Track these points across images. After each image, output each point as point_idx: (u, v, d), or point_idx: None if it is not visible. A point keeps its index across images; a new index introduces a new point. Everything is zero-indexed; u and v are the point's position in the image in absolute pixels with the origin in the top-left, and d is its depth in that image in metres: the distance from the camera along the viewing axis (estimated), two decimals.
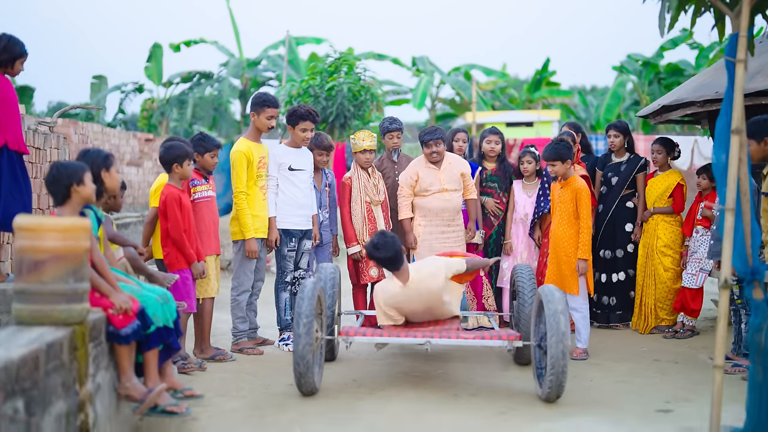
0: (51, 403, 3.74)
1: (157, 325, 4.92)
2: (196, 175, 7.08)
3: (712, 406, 4.55)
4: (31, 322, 4.06)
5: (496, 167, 8.67)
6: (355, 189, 7.99)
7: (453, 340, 5.99)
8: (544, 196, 8.48)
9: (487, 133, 8.76)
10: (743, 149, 4.64)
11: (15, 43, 5.75)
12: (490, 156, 8.66)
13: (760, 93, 7.26)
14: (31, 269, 4.05)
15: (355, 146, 7.99)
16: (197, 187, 7.06)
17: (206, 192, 7.12)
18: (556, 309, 5.64)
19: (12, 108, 5.73)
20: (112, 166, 5.10)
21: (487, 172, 8.65)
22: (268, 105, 7.43)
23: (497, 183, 8.62)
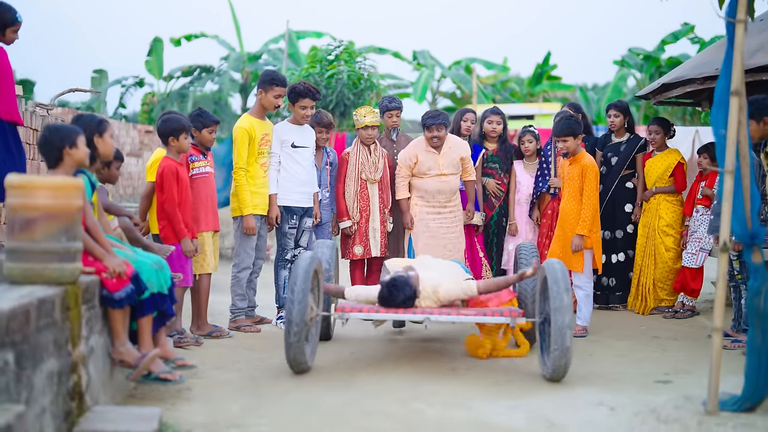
0: (42, 360, 3.70)
1: (152, 290, 4.88)
2: (194, 150, 7.03)
3: (711, 370, 4.52)
4: (22, 281, 4.02)
5: (497, 148, 8.60)
6: (351, 165, 7.93)
7: (453, 317, 5.78)
8: (542, 175, 8.52)
9: (489, 113, 8.64)
10: (743, 111, 4.61)
11: (6, 9, 5.69)
12: (491, 136, 8.59)
13: (760, 69, 7.21)
14: (22, 227, 4.01)
15: (357, 122, 7.92)
16: (195, 162, 7.01)
17: (204, 168, 7.06)
18: (560, 286, 5.45)
19: (5, 78, 5.67)
20: (105, 132, 5.06)
21: (488, 152, 8.59)
22: (277, 84, 7.39)
23: (498, 164, 8.56)
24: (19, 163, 5.67)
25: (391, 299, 5.77)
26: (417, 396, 5.11)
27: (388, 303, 5.78)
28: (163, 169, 6.49)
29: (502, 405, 4.92)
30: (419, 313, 5.76)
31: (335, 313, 5.95)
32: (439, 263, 6.49)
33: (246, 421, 4.55)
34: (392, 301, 5.77)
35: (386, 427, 4.49)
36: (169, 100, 30.96)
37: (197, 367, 5.63)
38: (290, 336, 5.42)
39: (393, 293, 5.76)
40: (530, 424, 4.54)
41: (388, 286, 5.79)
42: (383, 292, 5.80)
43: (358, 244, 7.87)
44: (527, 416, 4.68)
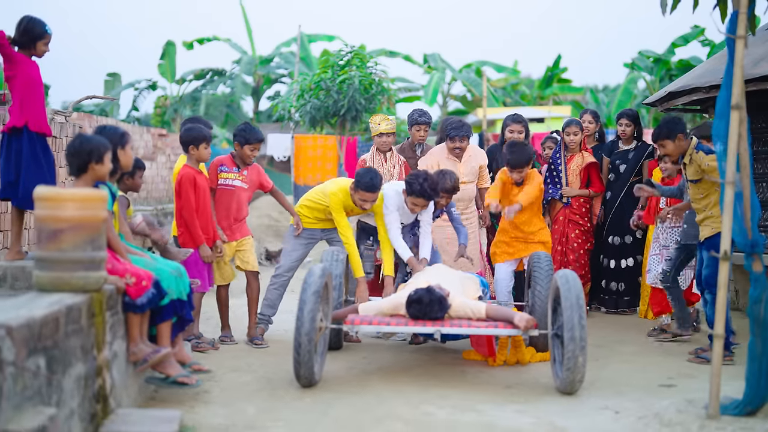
0: (71, 365, 3.88)
1: (171, 297, 5.06)
2: (229, 161, 7.16)
3: (712, 375, 4.67)
4: (50, 289, 4.20)
5: None
6: None
7: (464, 329, 5.75)
8: (551, 182, 8.60)
9: (510, 121, 8.60)
10: (743, 124, 4.75)
11: (35, 23, 5.84)
12: None
13: (764, 78, 7.34)
14: (50, 238, 4.19)
15: (372, 130, 8.01)
16: (223, 173, 7.13)
17: (233, 180, 7.15)
18: (573, 299, 5.39)
19: (35, 90, 5.82)
20: (127, 144, 5.24)
21: None
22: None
23: None
24: (48, 173, 5.82)
25: (421, 314, 5.75)
26: (427, 400, 5.28)
27: (416, 316, 5.76)
28: (181, 177, 6.67)
29: (510, 409, 5.09)
30: (430, 325, 5.74)
31: (345, 326, 5.89)
32: (454, 276, 6.49)
33: (262, 424, 4.73)
34: (423, 316, 5.74)
35: (397, 429, 4.65)
36: (181, 103, 31.24)
37: (215, 371, 5.85)
38: (299, 352, 5.40)
39: (426, 310, 5.73)
40: (536, 428, 4.70)
41: (421, 300, 5.73)
42: (414, 309, 5.76)
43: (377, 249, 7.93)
44: (534, 420, 4.84)
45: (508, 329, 5.72)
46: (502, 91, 31.99)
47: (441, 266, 6.81)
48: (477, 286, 6.53)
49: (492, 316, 5.85)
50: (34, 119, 5.76)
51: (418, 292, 5.74)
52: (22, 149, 5.77)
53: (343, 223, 6.99)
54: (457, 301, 5.87)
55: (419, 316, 5.74)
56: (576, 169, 8.69)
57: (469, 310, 5.86)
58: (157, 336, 5.12)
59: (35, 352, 3.48)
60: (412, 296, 5.74)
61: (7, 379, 3.19)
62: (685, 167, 6.62)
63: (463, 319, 5.84)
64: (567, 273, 5.65)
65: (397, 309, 5.91)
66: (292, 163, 15.90)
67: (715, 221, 6.45)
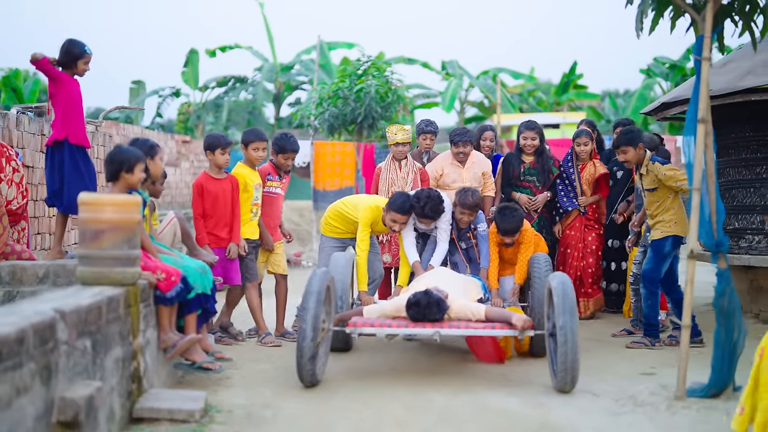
0: (111, 348, 4.48)
1: (197, 291, 5.65)
2: (273, 170, 7.73)
3: (680, 361, 5.22)
4: (92, 283, 4.79)
5: (534, 160, 8.76)
6: (383, 179, 8.39)
7: (462, 330, 5.93)
8: (565, 192, 8.87)
9: (523, 128, 8.80)
10: (709, 136, 5.28)
11: (74, 44, 6.42)
12: (527, 151, 8.77)
13: (749, 90, 7.84)
14: (92, 238, 4.78)
15: (389, 139, 8.39)
16: (269, 181, 7.70)
17: (275, 189, 7.74)
18: (565, 302, 5.54)
19: (75, 106, 6.39)
20: (156, 155, 5.86)
21: (525, 165, 8.76)
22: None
23: (536, 177, 8.74)
24: (89, 182, 6.38)
25: (420, 315, 5.93)
26: (429, 386, 5.84)
27: (416, 318, 5.94)
28: (193, 184, 7.26)
29: (501, 392, 5.64)
30: (429, 327, 5.91)
31: (347, 328, 6.06)
32: (456, 279, 6.70)
33: (278, 404, 5.30)
34: (422, 318, 5.92)
35: (397, 408, 5.23)
36: (204, 109, 31.93)
37: (236, 361, 6.45)
38: (302, 354, 5.58)
39: (424, 312, 5.91)
40: (523, 407, 5.26)
41: (419, 302, 5.92)
42: (413, 311, 5.94)
43: (387, 252, 8.34)
44: (521, 400, 5.40)
45: (505, 330, 5.89)
46: (519, 98, 32.49)
47: (444, 269, 7.08)
48: (478, 289, 6.79)
49: (491, 317, 6.00)
50: (74, 133, 6.35)
51: (417, 295, 5.94)
52: (64, 160, 6.37)
53: (363, 236, 7.19)
54: (457, 303, 6.06)
55: (419, 318, 5.93)
56: (589, 178, 8.89)
57: (469, 312, 6.03)
58: (184, 326, 5.71)
59: (83, 334, 4.06)
60: (411, 299, 5.95)
61: (62, 356, 3.77)
62: (642, 178, 7.31)
63: (463, 320, 6.02)
64: (560, 276, 5.82)
65: (398, 311, 6.09)
66: (312, 169, 16.45)
67: (664, 225, 7.26)
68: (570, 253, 8.82)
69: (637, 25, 5.55)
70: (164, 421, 4.73)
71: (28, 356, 3.40)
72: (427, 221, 7.19)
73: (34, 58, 6.13)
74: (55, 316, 3.72)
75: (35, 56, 6.14)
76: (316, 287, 5.78)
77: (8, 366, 3.21)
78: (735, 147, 8.61)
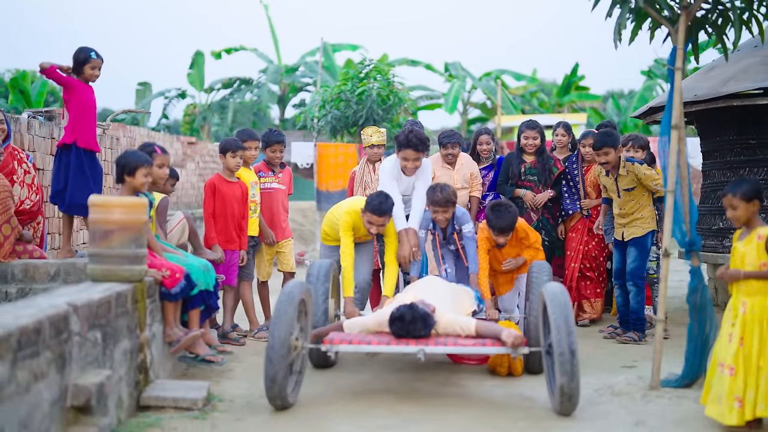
0: (119, 340, 4.81)
1: (200, 288, 5.98)
2: (264, 167, 8.03)
3: (654, 353, 5.54)
4: (102, 279, 5.12)
5: (535, 160, 8.66)
6: (357, 182, 8.49)
7: (449, 348, 5.47)
8: (569, 194, 8.79)
9: (524, 128, 8.73)
10: (682, 141, 5.60)
11: (80, 51, 6.70)
12: (528, 150, 8.68)
13: (731, 96, 8.15)
14: (102, 237, 5.11)
15: (364, 141, 8.50)
16: (261, 178, 7.97)
17: (270, 184, 8.02)
18: (561, 317, 5.03)
19: (86, 111, 6.70)
20: (154, 162, 6.17)
21: (526, 165, 8.65)
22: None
23: (536, 176, 8.63)
24: (94, 184, 6.67)
25: (404, 332, 5.49)
26: (418, 377, 6.16)
27: (400, 334, 5.50)
28: (205, 184, 7.56)
29: (488, 384, 5.95)
30: (413, 344, 5.41)
31: (322, 345, 5.54)
32: (446, 290, 6.29)
33: None
34: (406, 334, 5.48)
35: (389, 397, 5.56)
36: (210, 110, 32.31)
37: (238, 354, 6.79)
38: (271, 375, 5.00)
39: (408, 328, 5.47)
40: (508, 398, 5.58)
41: (403, 317, 5.47)
42: (396, 327, 5.51)
43: None
44: (506, 392, 5.73)
45: (496, 347, 5.42)
46: (521, 99, 32.76)
47: (433, 278, 6.71)
48: (471, 300, 6.42)
49: (482, 333, 5.52)
50: (83, 137, 6.66)
51: (401, 309, 5.49)
52: (71, 163, 6.69)
53: (346, 242, 6.87)
54: (445, 318, 5.61)
55: (402, 334, 5.47)
56: (593, 180, 8.65)
57: (458, 327, 5.58)
58: (188, 321, 6.04)
59: (93, 327, 4.39)
60: (395, 313, 5.50)
61: (75, 346, 4.10)
62: (618, 179, 7.60)
63: (451, 336, 5.57)
64: (555, 286, 5.33)
65: (381, 326, 5.66)
66: (315, 170, 16.79)
67: (644, 222, 7.61)
68: (569, 255, 8.79)
69: (615, 37, 5.84)
70: (169, 409, 5.06)
71: (44, 345, 3.72)
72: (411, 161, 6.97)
73: (41, 67, 6.46)
74: (68, 309, 4.05)
75: (42, 66, 6.47)
76: (287, 300, 5.26)
77: (27, 354, 3.53)
78: (720, 150, 8.92)
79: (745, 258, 4.86)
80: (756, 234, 4.86)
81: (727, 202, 4.96)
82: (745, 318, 4.78)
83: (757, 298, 4.77)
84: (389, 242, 7.01)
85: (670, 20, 5.75)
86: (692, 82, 8.85)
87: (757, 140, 8.54)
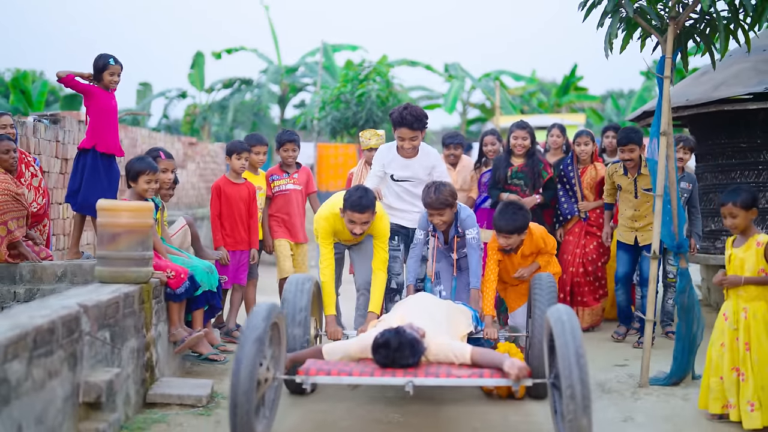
0: (127, 339, 5.00)
1: (204, 289, 6.17)
2: (277, 170, 7.99)
3: (644, 351, 5.73)
4: (109, 281, 5.31)
5: (523, 163, 8.16)
6: (354, 183, 8.09)
7: (441, 379, 4.69)
8: (565, 197, 8.45)
9: (514, 127, 8.28)
10: (670, 147, 5.79)
11: (99, 57, 6.85)
12: (517, 152, 8.20)
13: (723, 101, 8.33)
14: (109, 240, 5.30)
15: (362, 144, 8.20)
16: (274, 181, 7.95)
17: (284, 186, 7.96)
18: (570, 346, 4.23)
19: (105, 118, 6.84)
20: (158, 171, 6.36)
21: (513, 168, 8.17)
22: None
23: (523, 180, 8.11)
24: (107, 187, 6.78)
25: (389, 360, 4.76)
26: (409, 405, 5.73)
27: (384, 363, 4.76)
28: (213, 185, 7.72)
29: (485, 409, 5.77)
30: (401, 375, 4.69)
31: (297, 376, 4.78)
32: (439, 310, 5.56)
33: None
34: (392, 363, 4.74)
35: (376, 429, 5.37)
36: (210, 111, 32.48)
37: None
38: (235, 413, 4.17)
39: (394, 356, 4.74)
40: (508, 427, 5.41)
41: (388, 344, 4.74)
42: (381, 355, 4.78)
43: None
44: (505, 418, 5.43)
45: (495, 378, 4.70)
46: (520, 99, 32.94)
47: (425, 296, 5.96)
48: (468, 320, 5.77)
49: (479, 361, 4.81)
50: (102, 142, 6.76)
51: (385, 335, 4.77)
52: (87, 164, 6.86)
53: (324, 250, 6.35)
54: (436, 343, 4.92)
55: (388, 363, 4.73)
56: (590, 182, 8.39)
57: (451, 354, 4.88)
58: (192, 321, 6.24)
59: (103, 326, 4.58)
60: (379, 340, 4.78)
61: (85, 345, 4.29)
62: (639, 178, 7.55)
63: (444, 364, 4.87)
64: (561, 310, 4.52)
65: (364, 352, 4.96)
66: (315, 170, 17.00)
67: None
68: (566, 259, 8.41)
69: (606, 46, 6.02)
70: (174, 405, 5.26)
71: (57, 344, 3.91)
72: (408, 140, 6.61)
73: (59, 76, 6.65)
74: (79, 309, 4.24)
75: (59, 75, 6.65)
76: (254, 327, 4.38)
77: (42, 353, 3.72)
78: (712, 153, 9.10)
79: (745, 264, 5.05)
80: (755, 241, 5.05)
81: (727, 210, 5.10)
82: (747, 323, 4.99)
83: (758, 304, 5.00)
84: (377, 244, 6.39)
85: (660, 30, 5.94)
86: (685, 87, 9.02)
87: (747, 144, 8.71)
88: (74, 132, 9.70)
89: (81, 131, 9.61)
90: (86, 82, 6.77)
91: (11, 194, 6.27)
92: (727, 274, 5.12)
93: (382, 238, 6.38)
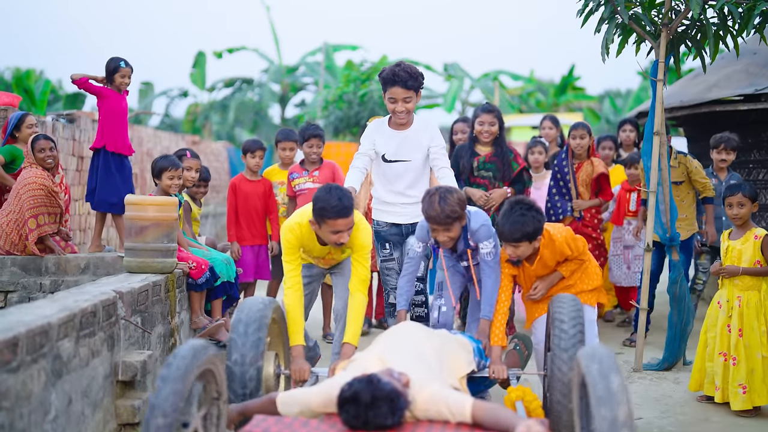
0: (155, 324, 5.35)
1: (223, 279, 6.52)
2: (297, 168, 7.67)
3: (638, 338, 6.10)
4: (137, 271, 5.66)
5: (491, 152, 7.02)
6: None
7: None
8: (559, 194, 7.73)
9: (480, 111, 7.05)
10: (663, 146, 6.15)
11: (110, 60, 7.18)
12: (483, 140, 7.03)
13: (714, 102, 8.69)
14: (137, 232, 5.66)
15: None
16: (294, 180, 7.65)
17: (304, 184, 7.60)
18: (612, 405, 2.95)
19: (115, 118, 7.18)
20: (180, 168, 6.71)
21: (480, 158, 7.03)
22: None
23: (492, 171, 7.00)
24: (121, 185, 7.10)
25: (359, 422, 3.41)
26: None
27: (354, 425, 3.42)
28: (229, 183, 8.02)
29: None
30: None
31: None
32: (430, 345, 4.12)
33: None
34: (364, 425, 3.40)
35: None
36: (211, 109, 32.77)
37: None
38: None
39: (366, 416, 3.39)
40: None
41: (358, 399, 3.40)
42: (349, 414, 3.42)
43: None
44: None
45: None
46: (519, 99, 33.26)
47: (412, 327, 4.34)
48: (469, 355, 4.49)
49: (482, 420, 3.47)
50: (112, 142, 7.13)
51: (354, 386, 3.45)
52: (100, 164, 7.21)
53: (289, 269, 5.01)
54: (425, 394, 3.58)
55: (358, 425, 3.41)
56: (586, 179, 7.67)
57: (446, 409, 3.54)
58: (211, 310, 6.59)
59: (135, 312, 4.93)
60: (345, 393, 3.45)
61: (121, 328, 4.64)
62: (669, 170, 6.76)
63: (436, 423, 3.54)
64: (599, 354, 3.22)
65: (328, 406, 3.67)
66: None
67: (688, 224, 6.88)
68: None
69: (603, 51, 6.37)
70: None
71: (99, 326, 4.26)
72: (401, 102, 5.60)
73: (72, 79, 7.00)
74: (116, 295, 4.59)
75: (73, 77, 6.99)
76: (175, 370, 3.15)
77: (86, 333, 4.07)
78: (706, 152, 9.44)
79: (742, 255, 5.42)
80: (753, 234, 5.42)
81: (736, 200, 5.43)
82: (741, 311, 5.36)
83: (752, 293, 5.35)
84: (356, 258, 5.06)
85: (653, 35, 6.29)
86: (679, 88, 9.39)
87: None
88: (89, 131, 10.05)
89: (95, 130, 9.95)
90: (99, 84, 7.11)
91: (46, 189, 6.60)
92: (724, 265, 5.47)
93: (362, 251, 5.04)
